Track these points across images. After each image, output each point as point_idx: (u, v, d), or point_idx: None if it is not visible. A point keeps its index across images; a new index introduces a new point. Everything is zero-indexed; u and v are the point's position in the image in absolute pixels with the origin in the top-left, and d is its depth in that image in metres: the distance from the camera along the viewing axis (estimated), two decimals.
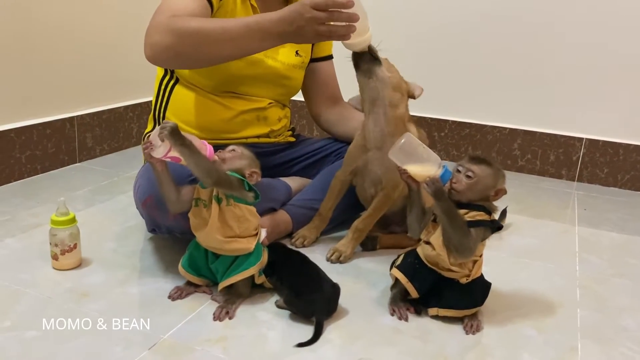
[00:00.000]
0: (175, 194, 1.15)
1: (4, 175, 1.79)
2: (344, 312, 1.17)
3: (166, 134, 1.05)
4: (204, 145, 1.13)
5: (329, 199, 1.46)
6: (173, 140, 1.05)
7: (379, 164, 1.35)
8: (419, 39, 2.24)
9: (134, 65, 2.23)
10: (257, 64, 1.45)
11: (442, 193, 1.07)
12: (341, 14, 1.14)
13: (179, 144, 1.06)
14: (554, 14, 2.09)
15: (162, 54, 1.24)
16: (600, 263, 1.48)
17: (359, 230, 1.41)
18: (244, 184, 1.14)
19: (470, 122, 2.29)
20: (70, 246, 1.27)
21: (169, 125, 1.05)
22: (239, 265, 1.15)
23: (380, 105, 1.33)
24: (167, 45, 1.22)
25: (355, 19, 1.15)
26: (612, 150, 2.11)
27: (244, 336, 1.08)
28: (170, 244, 1.41)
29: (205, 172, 1.09)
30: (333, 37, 1.17)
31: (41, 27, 1.85)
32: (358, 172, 1.41)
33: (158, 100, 1.50)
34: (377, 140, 1.35)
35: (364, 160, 1.38)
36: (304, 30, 1.16)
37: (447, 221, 1.08)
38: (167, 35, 1.21)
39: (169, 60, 1.30)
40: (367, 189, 1.41)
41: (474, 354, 1.07)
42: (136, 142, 2.31)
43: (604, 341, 1.13)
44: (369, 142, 1.36)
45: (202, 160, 1.09)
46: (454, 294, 1.14)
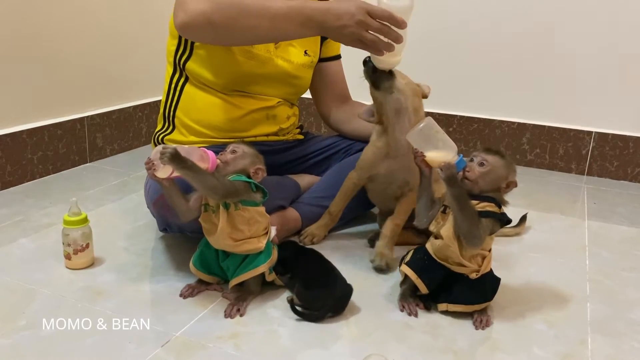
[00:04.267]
0: (185, 205, 1.15)
1: (16, 176, 1.81)
2: (354, 308, 1.17)
3: (167, 160, 1.04)
4: (205, 153, 1.13)
5: (340, 199, 1.46)
6: (174, 165, 1.05)
7: (408, 170, 1.34)
8: (428, 34, 2.23)
9: (143, 66, 2.25)
10: (266, 63, 1.45)
11: (455, 179, 1.08)
12: (391, 31, 1.13)
13: (181, 168, 1.05)
14: (563, 8, 2.08)
15: (196, 19, 1.19)
16: (610, 257, 1.48)
17: (397, 226, 1.39)
18: (250, 186, 1.15)
19: (478, 116, 2.28)
20: (83, 246, 1.29)
21: (169, 151, 1.04)
22: (250, 263, 1.16)
23: (404, 114, 1.32)
24: (202, 10, 1.18)
25: (400, 40, 1.14)
26: (622, 144, 2.10)
27: (255, 333, 1.09)
28: (181, 243, 1.43)
29: (211, 190, 1.10)
30: (372, 48, 1.16)
31: (50, 29, 1.87)
32: (377, 178, 1.41)
33: (168, 99, 1.50)
34: (405, 148, 1.32)
35: (387, 168, 1.38)
36: (348, 31, 1.14)
37: (457, 208, 1.08)
38: (204, 1, 1.18)
39: (201, 30, 1.23)
40: (392, 192, 1.40)
41: (484, 349, 1.07)
42: (146, 141, 2.32)
43: (614, 335, 1.13)
44: (397, 151, 1.35)
45: (207, 178, 1.09)
46: (463, 289, 1.15)
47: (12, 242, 1.43)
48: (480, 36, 2.21)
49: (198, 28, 1.23)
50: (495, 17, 2.17)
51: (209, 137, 1.46)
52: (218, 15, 1.19)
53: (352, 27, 1.13)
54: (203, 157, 1.12)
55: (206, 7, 1.18)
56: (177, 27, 1.25)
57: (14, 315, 1.11)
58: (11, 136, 1.79)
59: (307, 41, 1.54)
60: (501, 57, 2.20)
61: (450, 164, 1.08)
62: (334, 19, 1.15)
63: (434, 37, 2.26)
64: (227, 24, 1.20)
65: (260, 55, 1.43)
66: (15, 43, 1.77)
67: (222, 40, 1.30)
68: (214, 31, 1.23)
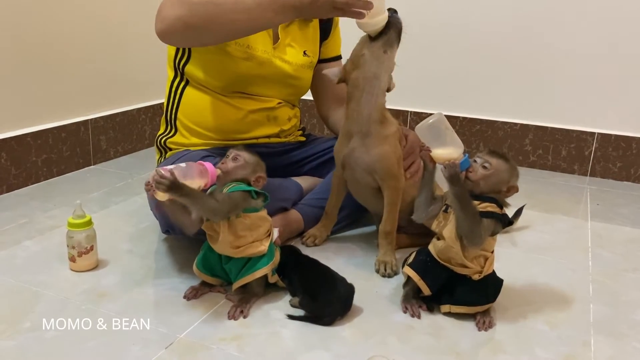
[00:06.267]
0: (188, 219, 1.14)
1: (21, 179, 1.82)
2: (357, 309, 1.18)
3: (164, 190, 1.03)
4: (204, 168, 1.12)
5: (331, 197, 1.46)
6: (172, 194, 1.05)
7: (366, 150, 1.31)
8: (430, 35, 2.24)
9: (146, 68, 2.26)
10: (265, 64, 1.46)
11: (457, 178, 1.08)
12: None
13: (179, 195, 1.05)
14: (565, 9, 2.08)
15: (172, 26, 1.21)
16: (613, 258, 1.48)
17: (388, 234, 1.36)
18: (250, 194, 1.15)
19: (481, 118, 2.28)
20: (87, 248, 1.30)
21: (165, 182, 1.02)
22: (252, 265, 1.17)
23: (376, 84, 1.28)
24: (177, 16, 1.20)
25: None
26: (625, 144, 2.10)
27: (258, 334, 1.09)
28: (184, 245, 1.43)
29: (211, 213, 1.11)
30: (348, 12, 1.16)
31: (54, 33, 1.88)
32: (346, 163, 1.36)
33: (169, 103, 1.51)
34: (365, 123, 1.30)
35: (349, 148, 1.33)
36: (320, 3, 1.15)
37: (459, 207, 1.08)
38: (177, 7, 1.20)
39: (180, 35, 1.25)
40: (362, 179, 1.36)
41: (486, 350, 1.07)
42: (149, 143, 2.33)
43: (617, 336, 1.13)
44: (355, 123, 1.31)
45: (206, 202, 1.09)
46: (466, 290, 1.15)
47: (17, 245, 1.43)
48: (483, 38, 2.21)
49: (178, 33, 1.24)
50: (497, 19, 2.18)
51: (211, 138, 1.47)
52: (194, 17, 1.20)
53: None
54: (202, 172, 1.12)
55: (181, 11, 1.20)
56: (158, 36, 1.26)
57: (18, 317, 1.12)
58: (16, 139, 1.80)
59: (307, 41, 1.54)
60: (503, 58, 2.20)
61: (454, 163, 1.08)
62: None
63: (436, 38, 2.26)
64: (205, 25, 1.22)
65: (258, 56, 1.44)
66: (19, 46, 1.78)
67: (203, 41, 1.31)
68: (193, 33, 1.24)
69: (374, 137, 1.31)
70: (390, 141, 1.31)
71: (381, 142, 1.31)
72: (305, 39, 1.54)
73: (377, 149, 1.29)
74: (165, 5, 1.23)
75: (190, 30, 1.23)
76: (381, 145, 1.31)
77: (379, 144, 1.31)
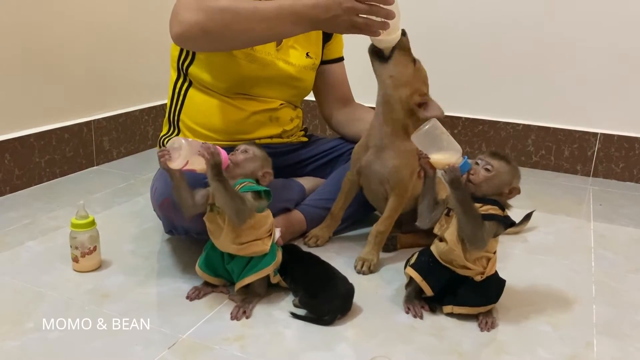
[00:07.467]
0: (191, 199, 1.15)
1: (24, 180, 1.83)
2: (359, 310, 1.18)
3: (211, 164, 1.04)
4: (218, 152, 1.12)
5: (340, 198, 1.47)
6: (213, 174, 1.05)
7: (381, 163, 1.35)
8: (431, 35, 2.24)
9: (149, 69, 2.27)
10: (268, 66, 1.46)
11: (458, 182, 1.08)
12: (380, 10, 1.14)
13: (216, 180, 1.06)
14: (568, 9, 2.08)
15: (189, 31, 1.22)
16: (616, 258, 1.48)
17: (380, 234, 1.39)
18: (260, 194, 1.15)
19: (483, 118, 2.28)
20: (90, 248, 1.30)
21: (215, 159, 1.04)
22: (255, 265, 1.17)
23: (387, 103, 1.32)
24: (195, 21, 1.20)
25: (392, 16, 1.15)
26: (628, 145, 2.09)
27: (261, 335, 1.09)
28: (187, 245, 1.43)
29: (235, 213, 1.10)
30: (366, 31, 1.17)
31: (57, 34, 1.89)
32: (362, 172, 1.40)
33: (172, 104, 1.52)
34: (377, 138, 1.35)
35: (366, 160, 1.38)
36: (339, 20, 1.16)
37: (461, 211, 1.08)
38: (195, 12, 1.20)
39: (197, 39, 1.25)
40: (375, 189, 1.40)
41: (489, 351, 1.07)
42: (152, 144, 2.34)
43: (620, 337, 1.13)
44: (370, 139, 1.37)
45: (236, 199, 1.09)
46: (468, 291, 1.15)
47: (20, 245, 1.44)
48: (486, 38, 2.21)
49: (194, 38, 1.25)
50: (500, 20, 2.18)
51: (213, 139, 1.47)
52: (212, 23, 1.21)
53: (343, 16, 1.15)
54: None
55: (199, 17, 1.20)
56: (173, 39, 1.27)
57: (21, 318, 1.12)
58: (19, 140, 1.80)
59: (309, 43, 1.54)
60: (506, 59, 2.20)
61: (454, 167, 1.08)
62: (324, 12, 1.16)
63: (439, 39, 2.26)
64: (222, 31, 1.22)
65: (261, 58, 1.44)
66: (22, 48, 1.78)
67: (219, 47, 1.32)
68: (210, 39, 1.25)
69: (391, 150, 1.34)
70: (407, 155, 1.33)
71: (398, 155, 1.34)
72: (308, 41, 1.54)
73: (392, 161, 1.34)
74: (182, 9, 1.23)
75: (207, 36, 1.23)
76: (397, 158, 1.34)
77: (395, 157, 1.34)
